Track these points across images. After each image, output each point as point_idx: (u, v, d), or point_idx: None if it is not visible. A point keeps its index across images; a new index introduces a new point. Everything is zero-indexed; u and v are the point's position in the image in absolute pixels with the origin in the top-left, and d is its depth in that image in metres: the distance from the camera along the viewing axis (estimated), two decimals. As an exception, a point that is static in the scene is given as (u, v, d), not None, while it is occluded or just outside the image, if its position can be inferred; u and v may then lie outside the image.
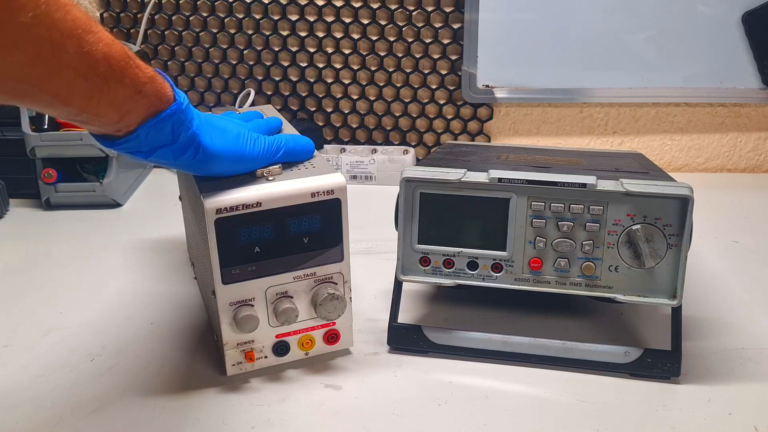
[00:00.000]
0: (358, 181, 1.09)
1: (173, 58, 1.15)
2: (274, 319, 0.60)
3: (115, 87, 0.47)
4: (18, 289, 0.79)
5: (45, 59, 0.41)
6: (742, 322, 0.70)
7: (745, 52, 1.07)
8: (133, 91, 0.48)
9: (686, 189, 0.57)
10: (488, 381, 0.61)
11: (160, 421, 0.56)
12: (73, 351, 0.66)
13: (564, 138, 1.16)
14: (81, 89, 0.45)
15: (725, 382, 0.61)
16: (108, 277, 0.81)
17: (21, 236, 0.92)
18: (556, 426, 0.55)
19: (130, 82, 0.48)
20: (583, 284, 0.61)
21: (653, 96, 1.12)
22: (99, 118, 0.48)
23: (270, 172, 0.58)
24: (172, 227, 0.90)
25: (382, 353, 0.65)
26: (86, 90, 0.45)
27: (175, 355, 0.65)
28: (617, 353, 0.61)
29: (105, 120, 0.49)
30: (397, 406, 0.58)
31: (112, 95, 0.47)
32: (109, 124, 0.49)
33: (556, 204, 0.60)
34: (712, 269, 0.81)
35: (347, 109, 1.16)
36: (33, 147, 0.95)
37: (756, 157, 1.17)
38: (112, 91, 0.47)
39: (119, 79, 0.47)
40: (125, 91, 0.47)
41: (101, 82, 0.46)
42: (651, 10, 1.06)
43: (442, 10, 1.09)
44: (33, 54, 0.41)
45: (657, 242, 0.58)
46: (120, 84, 0.47)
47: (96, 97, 0.46)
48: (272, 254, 0.58)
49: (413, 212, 0.62)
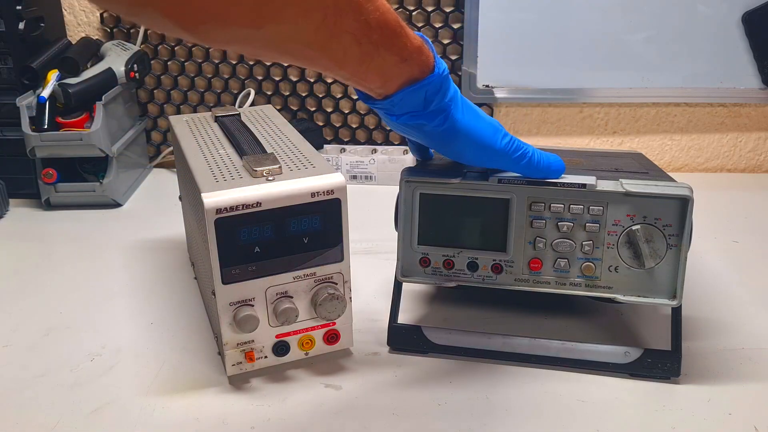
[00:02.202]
0: (358, 181, 1.09)
1: (173, 58, 1.15)
2: (274, 319, 0.60)
3: (384, 54, 0.49)
4: (18, 289, 0.79)
5: (328, 25, 0.44)
6: (742, 322, 0.70)
7: (745, 52, 1.07)
8: (399, 59, 0.50)
9: (686, 189, 0.57)
10: (488, 381, 0.61)
11: (160, 421, 0.56)
12: (73, 351, 0.66)
13: (564, 138, 1.16)
14: (355, 54, 0.48)
15: (725, 382, 0.61)
16: (108, 277, 0.81)
17: (21, 236, 0.92)
18: (556, 426, 0.55)
19: (398, 51, 0.50)
20: (583, 284, 0.61)
21: (653, 96, 1.12)
22: (365, 82, 0.51)
23: (270, 172, 0.58)
24: (172, 227, 0.90)
25: (382, 353, 0.65)
26: (359, 55, 0.48)
27: (175, 355, 0.65)
28: (617, 353, 0.61)
29: (369, 84, 0.52)
30: (397, 406, 0.58)
31: (380, 61, 0.49)
32: (371, 87, 0.52)
33: (555, 204, 0.60)
34: (712, 269, 0.81)
35: (347, 109, 1.16)
36: (33, 147, 0.95)
37: (756, 157, 1.17)
38: (380, 57, 0.49)
39: (389, 47, 0.49)
40: (392, 58, 0.50)
41: (372, 49, 0.48)
42: (651, 10, 1.06)
43: (442, 10, 1.09)
44: (319, 20, 0.44)
45: (657, 242, 0.58)
46: (389, 51, 0.49)
47: (366, 62, 0.49)
48: (272, 254, 0.58)
49: (413, 212, 0.62)
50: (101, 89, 1.00)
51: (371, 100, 0.54)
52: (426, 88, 0.52)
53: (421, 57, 0.51)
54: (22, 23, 0.97)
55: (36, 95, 0.96)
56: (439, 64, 0.53)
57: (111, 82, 1.03)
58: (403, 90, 0.52)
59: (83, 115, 0.98)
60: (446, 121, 0.55)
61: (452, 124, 0.55)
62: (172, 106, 1.18)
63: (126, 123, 1.09)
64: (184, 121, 0.77)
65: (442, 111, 0.54)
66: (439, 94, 0.53)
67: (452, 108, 0.55)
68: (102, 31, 1.15)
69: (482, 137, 0.57)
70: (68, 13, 1.14)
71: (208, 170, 0.61)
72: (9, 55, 0.98)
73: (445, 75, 0.53)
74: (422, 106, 0.53)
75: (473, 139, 0.57)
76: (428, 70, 0.52)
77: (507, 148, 0.57)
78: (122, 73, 1.04)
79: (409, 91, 0.52)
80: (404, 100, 0.53)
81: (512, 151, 0.58)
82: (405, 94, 0.52)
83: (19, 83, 0.99)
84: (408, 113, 0.54)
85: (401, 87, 0.52)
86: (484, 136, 0.57)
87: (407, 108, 0.54)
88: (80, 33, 1.15)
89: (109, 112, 0.99)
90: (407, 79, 0.52)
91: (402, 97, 0.53)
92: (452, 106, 0.55)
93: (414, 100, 0.53)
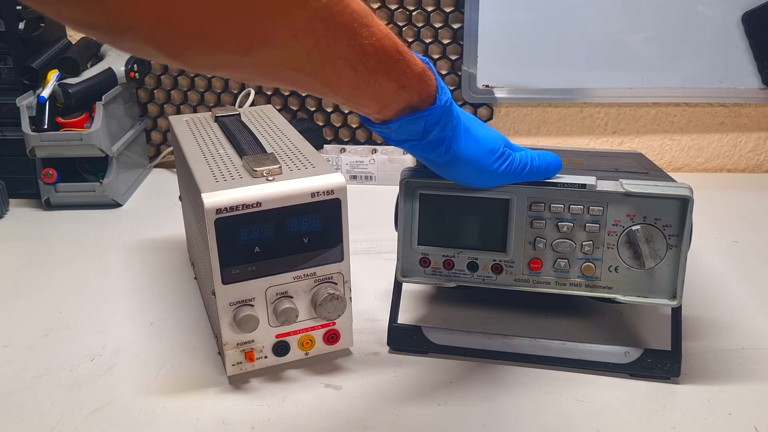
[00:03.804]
0: (358, 181, 1.09)
1: (173, 58, 1.15)
2: (274, 319, 0.60)
3: (381, 80, 0.48)
4: (18, 289, 0.79)
5: (320, 50, 0.43)
6: (742, 322, 0.70)
7: (745, 52, 1.07)
8: (397, 86, 0.49)
9: (686, 189, 0.57)
10: (488, 381, 0.61)
11: (160, 421, 0.56)
12: (73, 351, 0.66)
13: (564, 138, 1.16)
14: (349, 79, 0.46)
15: (725, 382, 0.61)
16: (108, 277, 0.81)
17: (21, 236, 0.92)
18: (556, 426, 0.55)
19: (396, 77, 0.48)
20: (583, 285, 0.61)
21: (653, 96, 1.12)
22: (362, 107, 0.50)
23: (270, 172, 0.58)
24: (172, 227, 0.90)
25: (382, 353, 0.65)
26: (354, 80, 0.46)
27: (175, 355, 0.65)
28: (617, 353, 0.61)
29: (366, 110, 0.51)
30: (397, 406, 0.58)
31: (377, 87, 0.48)
32: (368, 113, 0.51)
33: (555, 205, 0.60)
34: (712, 269, 0.81)
35: (347, 109, 1.16)
36: (33, 147, 0.95)
37: (756, 157, 1.17)
38: (377, 83, 0.48)
39: (386, 73, 0.48)
40: (390, 84, 0.48)
41: (369, 75, 0.47)
42: (651, 10, 1.06)
43: (442, 10, 1.09)
44: (311, 45, 0.42)
45: (657, 242, 0.58)
46: (386, 78, 0.48)
47: (362, 88, 0.47)
48: (272, 254, 0.58)
49: (413, 213, 0.62)
50: (101, 89, 1.00)
51: (370, 123, 0.53)
52: (425, 119, 0.51)
53: (421, 85, 0.50)
54: (22, 23, 0.97)
55: (36, 95, 0.96)
56: (441, 95, 0.51)
57: (111, 82, 1.03)
58: (401, 119, 0.51)
59: (83, 115, 0.98)
60: (447, 153, 0.54)
61: (453, 156, 0.54)
62: (172, 106, 1.18)
63: (126, 123, 1.09)
64: (184, 121, 0.77)
65: (442, 142, 0.53)
66: (438, 125, 0.52)
67: (453, 140, 0.54)
68: (102, 31, 1.15)
69: (481, 165, 0.56)
70: (68, 13, 1.14)
71: (208, 170, 0.61)
72: (9, 55, 0.98)
73: (447, 106, 0.52)
74: (421, 135, 0.52)
75: (473, 168, 0.56)
76: (429, 99, 0.51)
77: (507, 171, 0.57)
78: (122, 73, 1.04)
79: (407, 120, 0.51)
80: (402, 128, 0.52)
81: (513, 170, 0.58)
82: (403, 123, 0.51)
83: (19, 83, 0.99)
84: (406, 141, 0.53)
85: (399, 114, 0.51)
86: (483, 165, 0.56)
87: (405, 136, 0.53)
88: (80, 33, 1.15)
89: (109, 112, 0.99)
90: (406, 106, 0.51)
91: (400, 125, 0.51)
92: (453, 138, 0.54)
93: (412, 129, 0.52)
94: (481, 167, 0.56)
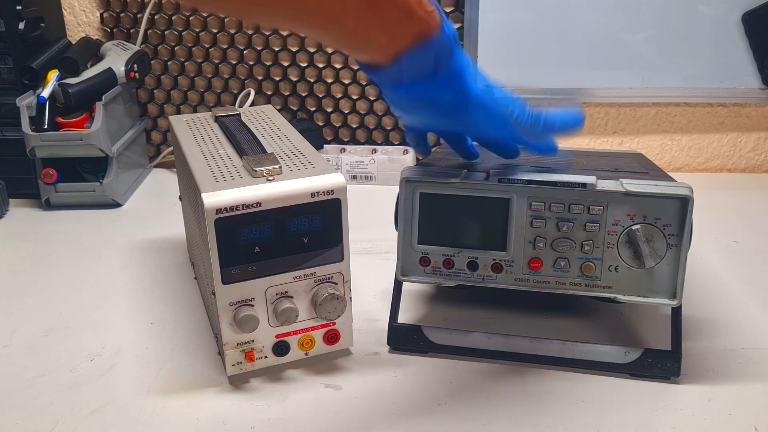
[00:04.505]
0: (358, 181, 1.09)
1: (173, 58, 1.15)
2: (274, 319, 0.60)
3: (387, 6, 0.47)
4: (18, 289, 0.79)
5: None
6: (742, 322, 0.70)
7: (745, 52, 1.07)
8: (405, 15, 0.48)
9: (686, 189, 0.57)
10: (488, 381, 0.61)
11: (160, 421, 0.56)
12: (73, 351, 0.66)
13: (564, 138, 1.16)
14: (354, 6, 0.45)
15: (725, 382, 0.60)
16: (108, 277, 0.81)
17: (21, 236, 0.92)
18: (556, 426, 0.55)
19: (402, 4, 0.48)
20: (583, 284, 0.61)
21: (653, 96, 1.12)
22: (369, 43, 0.49)
23: (270, 172, 0.58)
24: (172, 227, 0.90)
25: (382, 353, 0.65)
26: (358, 7, 0.46)
27: (175, 355, 0.65)
28: (617, 353, 0.61)
29: (375, 43, 0.49)
30: (397, 406, 0.58)
31: (384, 15, 0.47)
32: (378, 48, 0.50)
33: (555, 204, 0.60)
34: (712, 269, 0.81)
35: (347, 109, 1.16)
36: (33, 147, 0.95)
37: (756, 157, 1.17)
38: (384, 11, 0.47)
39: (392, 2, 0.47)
40: (397, 13, 0.48)
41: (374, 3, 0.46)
42: (651, 10, 1.06)
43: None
44: None
45: (657, 242, 0.58)
46: (393, 6, 0.47)
47: (367, 17, 0.46)
48: (272, 254, 0.58)
49: (413, 212, 0.62)
50: (101, 89, 1.00)
51: (377, 70, 0.51)
52: (435, 47, 0.50)
53: (427, 13, 0.49)
54: (22, 23, 0.97)
55: (36, 95, 0.96)
56: (447, 24, 0.51)
57: (111, 82, 1.03)
58: (410, 50, 0.49)
59: (83, 115, 0.98)
60: (461, 91, 0.52)
61: (466, 95, 0.52)
62: (172, 106, 1.18)
63: (126, 123, 1.09)
64: (184, 121, 0.77)
65: (454, 76, 0.52)
66: (449, 56, 0.51)
67: (466, 75, 0.52)
68: (102, 31, 1.15)
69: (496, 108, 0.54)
70: (68, 13, 1.14)
71: (208, 170, 0.61)
72: (9, 55, 0.98)
73: (454, 36, 0.51)
74: (432, 67, 0.51)
75: (488, 112, 0.54)
76: (436, 26, 0.50)
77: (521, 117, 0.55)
78: (122, 73, 1.04)
79: (417, 52, 0.49)
80: (413, 60, 0.50)
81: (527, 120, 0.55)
82: (413, 55, 0.50)
83: (19, 83, 0.99)
84: (418, 81, 0.51)
85: (409, 46, 0.49)
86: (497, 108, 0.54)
87: (416, 73, 0.51)
88: (80, 33, 1.15)
89: (109, 112, 0.99)
90: (415, 35, 0.49)
91: (410, 60, 0.50)
92: (465, 72, 0.52)
93: (423, 63, 0.50)
94: (494, 111, 0.55)
